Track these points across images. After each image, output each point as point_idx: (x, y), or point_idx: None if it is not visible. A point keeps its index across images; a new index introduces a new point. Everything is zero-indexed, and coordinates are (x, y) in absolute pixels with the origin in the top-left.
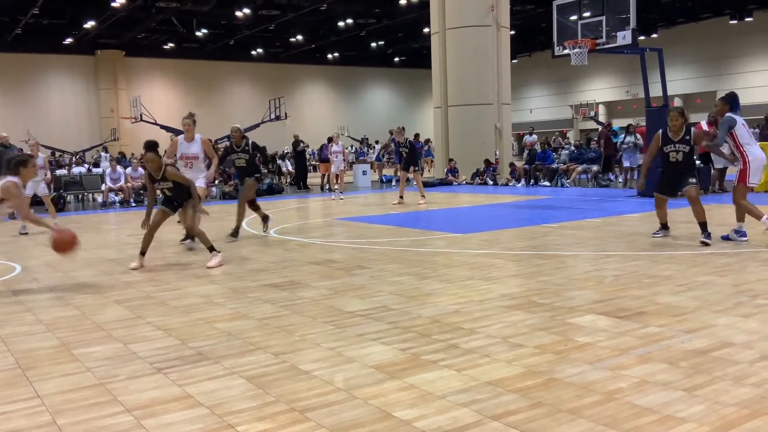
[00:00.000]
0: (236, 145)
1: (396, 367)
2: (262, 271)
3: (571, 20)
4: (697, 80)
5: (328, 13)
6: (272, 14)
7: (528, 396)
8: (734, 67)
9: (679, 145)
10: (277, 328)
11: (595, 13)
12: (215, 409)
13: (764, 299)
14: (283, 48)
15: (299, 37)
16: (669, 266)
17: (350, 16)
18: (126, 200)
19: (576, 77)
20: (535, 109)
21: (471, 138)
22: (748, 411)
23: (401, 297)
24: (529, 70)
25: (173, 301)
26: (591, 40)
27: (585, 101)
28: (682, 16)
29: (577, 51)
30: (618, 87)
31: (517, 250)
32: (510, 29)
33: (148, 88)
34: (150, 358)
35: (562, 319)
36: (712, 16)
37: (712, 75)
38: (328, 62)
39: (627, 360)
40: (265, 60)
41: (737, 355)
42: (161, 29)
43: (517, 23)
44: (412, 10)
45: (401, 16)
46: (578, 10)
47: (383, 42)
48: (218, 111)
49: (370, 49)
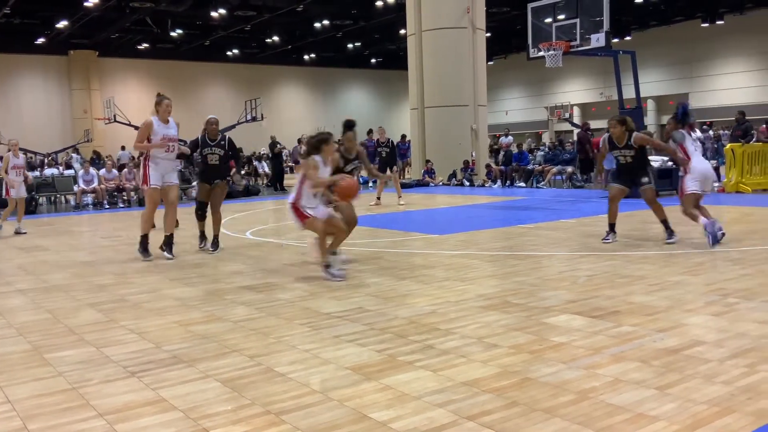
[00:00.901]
0: (210, 139)
1: (372, 368)
2: (238, 273)
3: (546, 23)
4: (670, 82)
5: (304, 14)
6: (248, 15)
7: (503, 396)
8: (706, 70)
9: (624, 150)
10: (253, 331)
11: (569, 15)
12: (190, 412)
13: (735, 298)
14: (259, 49)
15: (275, 38)
16: (642, 266)
17: (327, 18)
18: (99, 202)
19: (551, 79)
20: (510, 110)
21: (447, 139)
22: (718, 409)
23: (378, 298)
24: (505, 72)
25: (147, 304)
26: (565, 42)
27: (560, 103)
28: (655, 19)
29: (551, 53)
30: (592, 89)
31: (493, 250)
32: (486, 31)
33: (122, 89)
34: (123, 361)
35: (537, 319)
36: (684, 19)
37: (684, 77)
38: (305, 63)
39: (601, 359)
40: (241, 61)
41: (708, 353)
42: (135, 29)
43: (493, 25)
44: (389, 11)
45: (378, 18)
46: (552, 12)
47: (360, 43)
48: (193, 112)
49: (347, 51)
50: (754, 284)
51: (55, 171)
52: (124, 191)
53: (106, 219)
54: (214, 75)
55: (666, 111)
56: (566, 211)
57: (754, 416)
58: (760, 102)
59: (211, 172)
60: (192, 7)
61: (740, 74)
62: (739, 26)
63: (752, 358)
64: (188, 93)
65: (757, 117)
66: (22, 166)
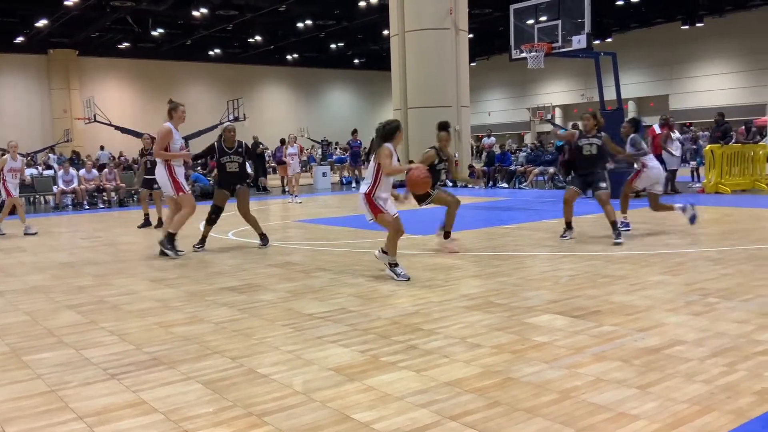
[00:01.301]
0: (228, 147)
1: (355, 369)
2: (220, 274)
3: (528, 24)
4: (650, 84)
5: (287, 14)
6: (230, 14)
7: (486, 396)
8: (685, 72)
9: (592, 139)
10: (235, 332)
11: (551, 17)
12: (170, 414)
13: (714, 298)
14: (241, 48)
15: (258, 38)
16: (623, 266)
17: (309, 18)
18: (79, 203)
19: (533, 80)
20: (493, 111)
21: (430, 140)
22: (698, 407)
23: (361, 299)
24: (488, 74)
25: (127, 306)
26: (547, 44)
27: (542, 104)
28: (636, 21)
29: (533, 54)
30: (574, 90)
31: (476, 251)
32: (468, 33)
33: (102, 89)
34: (103, 363)
35: (520, 319)
36: (664, 21)
37: (664, 79)
38: (288, 63)
39: (582, 359)
40: (223, 60)
41: (688, 352)
42: (116, 28)
43: (475, 27)
44: (372, 12)
45: (360, 18)
46: (535, 14)
47: (343, 44)
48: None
49: (330, 51)
50: (734, 284)
51: (35, 171)
52: (104, 192)
53: (86, 220)
54: (195, 75)
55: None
56: (548, 212)
57: (734, 415)
58: (739, 104)
59: (231, 179)
60: (173, 6)
61: (719, 76)
62: (718, 29)
63: (732, 357)
64: (169, 93)
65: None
66: (20, 169)
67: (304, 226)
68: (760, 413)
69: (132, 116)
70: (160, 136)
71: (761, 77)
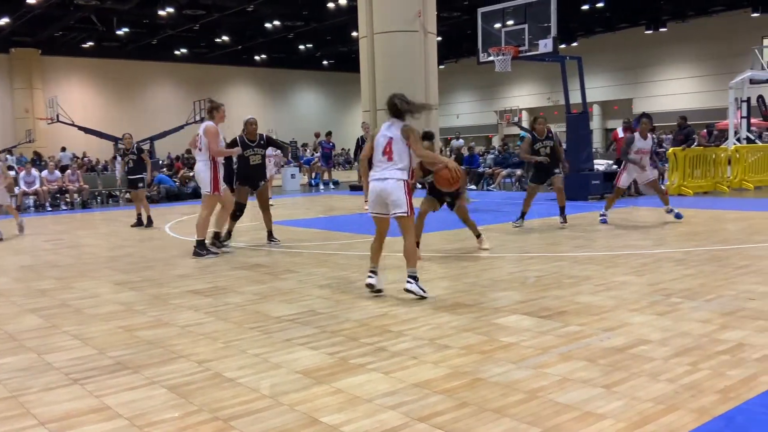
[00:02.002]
0: (250, 140)
1: (323, 371)
2: (186, 277)
3: (496, 28)
4: (615, 88)
5: (255, 14)
6: (197, 14)
7: (454, 396)
8: (649, 76)
9: (546, 141)
10: (201, 336)
11: (517, 21)
12: (135, 420)
13: (678, 298)
14: (208, 48)
15: (225, 38)
16: (588, 267)
17: (278, 18)
18: (41, 204)
19: (501, 84)
20: (461, 114)
21: None
22: (663, 406)
23: (329, 301)
24: (456, 76)
25: (91, 309)
26: (514, 47)
27: (509, 107)
28: (601, 25)
29: (501, 58)
30: (540, 94)
31: (444, 252)
32: (437, 35)
33: (65, 88)
34: (66, 368)
35: (488, 320)
36: (629, 26)
37: (629, 83)
38: (256, 64)
39: (549, 359)
40: (189, 60)
41: (653, 352)
42: (80, 27)
43: (444, 30)
44: (341, 13)
45: (329, 20)
46: (502, 18)
47: (312, 45)
48: (141, 112)
49: (299, 52)
50: (696, 284)
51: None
52: (67, 193)
53: (49, 221)
54: (161, 74)
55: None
56: (516, 214)
57: (698, 413)
58: (701, 107)
59: (254, 172)
60: (138, 5)
61: (682, 80)
62: (681, 33)
63: (695, 357)
64: (135, 93)
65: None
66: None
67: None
68: (723, 411)
69: (96, 116)
70: (212, 135)
71: (723, 81)
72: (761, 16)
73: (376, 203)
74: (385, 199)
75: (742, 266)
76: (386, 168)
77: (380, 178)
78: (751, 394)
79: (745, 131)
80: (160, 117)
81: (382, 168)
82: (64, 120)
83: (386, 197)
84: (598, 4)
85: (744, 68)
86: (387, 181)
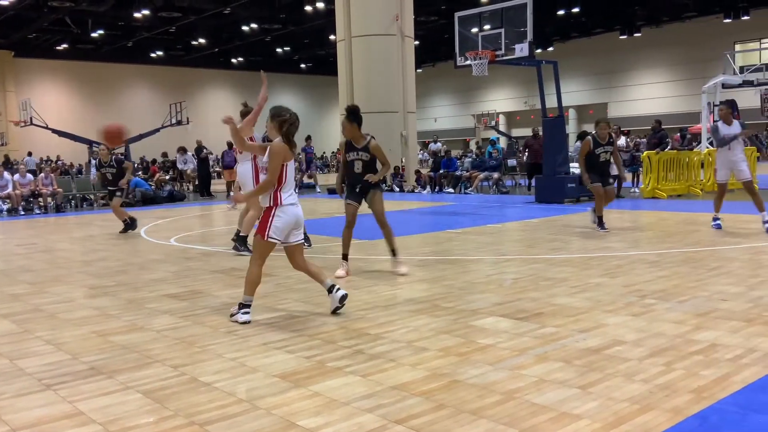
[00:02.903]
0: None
1: (300, 375)
2: (161, 281)
3: (473, 32)
4: (590, 92)
5: (232, 17)
6: (173, 16)
7: (431, 399)
8: (624, 80)
9: (607, 147)
10: (177, 340)
11: (494, 26)
12: (109, 425)
13: (652, 299)
14: (184, 51)
15: (202, 41)
16: (564, 269)
17: (255, 21)
18: (14, 208)
19: (478, 88)
20: (439, 117)
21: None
22: (638, 406)
23: (307, 304)
24: (434, 80)
25: (64, 314)
26: (491, 51)
27: (486, 111)
28: (576, 30)
29: (478, 62)
30: (517, 98)
31: (422, 255)
32: (414, 39)
33: (39, 91)
34: (38, 374)
35: (465, 322)
36: (604, 31)
37: (604, 87)
38: (233, 66)
39: (525, 360)
40: (165, 63)
41: (628, 352)
42: (54, 29)
43: (422, 34)
44: (319, 16)
45: (307, 23)
46: (479, 22)
47: (289, 48)
48: (116, 115)
49: (276, 55)
50: (670, 285)
51: None
52: (40, 197)
53: (22, 226)
54: (137, 77)
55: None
56: (493, 217)
57: (672, 413)
58: (675, 111)
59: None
60: (114, 7)
61: (657, 85)
62: (655, 39)
63: (669, 357)
64: (110, 95)
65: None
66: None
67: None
68: (697, 411)
69: (71, 119)
70: (258, 148)
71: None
72: (733, 22)
73: (295, 228)
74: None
75: (714, 268)
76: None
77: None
78: (723, 394)
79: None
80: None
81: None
82: (37, 123)
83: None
84: (574, 10)
85: (716, 73)
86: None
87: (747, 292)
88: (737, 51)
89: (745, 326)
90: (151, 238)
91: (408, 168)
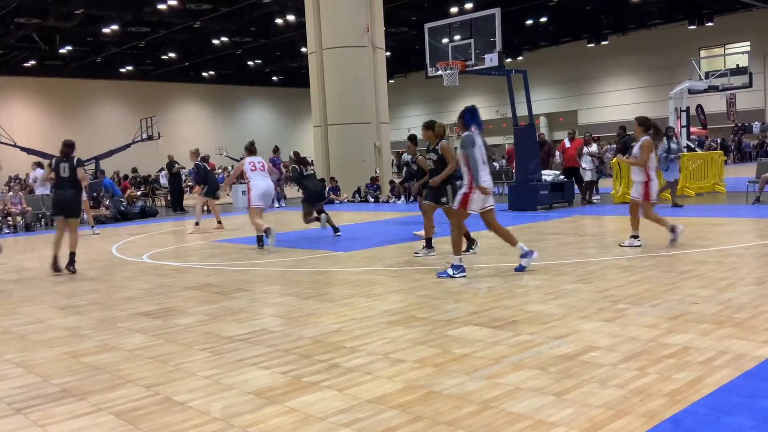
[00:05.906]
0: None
1: (276, 391)
2: (133, 299)
3: (443, 43)
4: (560, 100)
5: (202, 30)
6: (142, 31)
7: (408, 411)
8: (592, 88)
9: (431, 154)
10: (150, 359)
11: (464, 36)
12: None
13: (624, 304)
14: (155, 65)
15: (172, 55)
16: (537, 276)
17: (225, 35)
18: None
19: (450, 97)
20: (412, 128)
21: (351, 156)
22: (613, 411)
23: (282, 319)
24: (406, 91)
25: (34, 335)
26: (461, 62)
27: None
28: (545, 40)
29: (448, 72)
30: (488, 107)
31: (397, 266)
32: (386, 50)
33: (7, 108)
34: (8, 398)
35: (441, 332)
36: (571, 39)
37: (573, 95)
38: (204, 80)
39: (501, 368)
40: (135, 78)
41: (602, 358)
42: (21, 46)
43: (393, 45)
44: (289, 29)
45: (278, 35)
46: (449, 33)
47: (261, 61)
48: (86, 131)
49: (248, 68)
50: (642, 290)
51: None
52: (9, 216)
53: None
54: (106, 92)
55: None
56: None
57: (647, 417)
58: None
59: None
60: (81, 23)
61: (624, 92)
62: (622, 46)
63: (643, 361)
64: (80, 112)
65: None
66: None
67: (224, 246)
68: (671, 414)
69: (41, 136)
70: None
71: (662, 92)
72: (697, 29)
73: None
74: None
75: (685, 271)
76: None
77: None
78: (696, 397)
79: (685, 140)
80: (107, 136)
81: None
82: (5, 141)
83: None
84: (542, 19)
85: (682, 79)
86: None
87: (717, 295)
88: (702, 57)
89: (716, 328)
90: (123, 255)
91: (382, 178)
